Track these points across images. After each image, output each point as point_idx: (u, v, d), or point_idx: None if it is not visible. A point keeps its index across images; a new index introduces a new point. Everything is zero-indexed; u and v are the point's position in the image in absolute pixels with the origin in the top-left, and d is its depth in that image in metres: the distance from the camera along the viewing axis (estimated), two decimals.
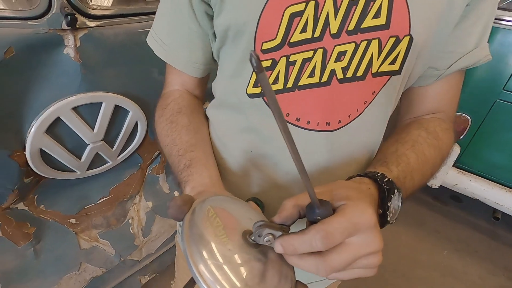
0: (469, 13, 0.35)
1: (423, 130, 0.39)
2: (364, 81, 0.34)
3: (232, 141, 0.42)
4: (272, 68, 0.34)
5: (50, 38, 0.67)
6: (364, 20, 0.31)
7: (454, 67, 0.38)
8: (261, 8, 0.32)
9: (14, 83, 0.66)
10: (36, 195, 0.86)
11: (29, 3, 0.65)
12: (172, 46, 0.41)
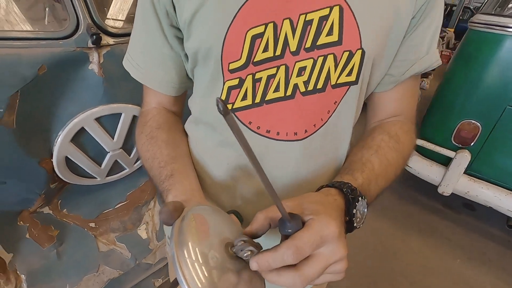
0: (418, 25, 0.39)
1: (386, 135, 0.42)
2: (325, 92, 0.38)
3: (209, 155, 0.45)
4: (240, 86, 0.38)
5: (77, 56, 0.74)
6: (319, 38, 0.35)
7: (408, 73, 0.42)
8: (224, 33, 0.35)
9: (45, 96, 0.72)
10: (60, 200, 0.92)
11: (59, 24, 0.72)
12: (147, 69, 0.44)
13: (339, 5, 0.34)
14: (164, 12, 0.38)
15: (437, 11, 0.39)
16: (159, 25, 0.40)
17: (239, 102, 0.39)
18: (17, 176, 0.75)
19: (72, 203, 0.96)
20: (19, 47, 0.66)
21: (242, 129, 0.38)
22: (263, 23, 0.34)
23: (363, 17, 0.35)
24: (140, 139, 0.45)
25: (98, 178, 0.96)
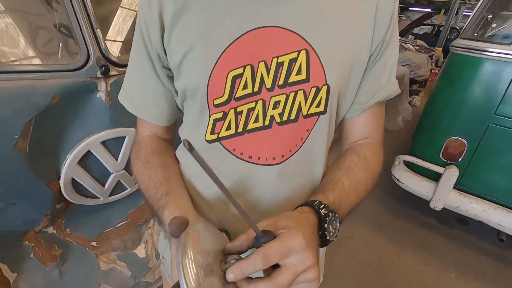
0: (376, 61, 0.45)
1: (355, 156, 0.47)
2: (297, 122, 0.43)
3: (198, 179, 0.50)
4: (224, 118, 0.43)
5: (87, 85, 0.80)
6: (290, 76, 0.41)
7: (371, 101, 0.48)
8: (208, 74, 0.41)
9: (56, 123, 0.78)
10: (64, 220, 0.96)
11: (71, 58, 0.79)
12: (140, 103, 0.48)
13: (305, 49, 0.40)
14: (156, 55, 0.44)
15: (392, 49, 0.46)
16: (152, 66, 0.45)
17: (224, 132, 0.44)
18: (26, 197, 0.80)
19: (75, 222, 0.99)
20: (35, 79, 0.72)
21: (227, 156, 0.45)
22: (242, 65, 0.40)
23: (327, 58, 0.41)
24: (136, 163, 0.49)
25: (101, 198, 1.00)
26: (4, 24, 0.71)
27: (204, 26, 0.40)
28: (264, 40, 0.40)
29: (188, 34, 0.40)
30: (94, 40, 0.81)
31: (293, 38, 0.40)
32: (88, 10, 0.80)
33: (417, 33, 10.19)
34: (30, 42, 0.74)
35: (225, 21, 0.40)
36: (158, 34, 0.41)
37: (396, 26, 0.46)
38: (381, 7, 0.42)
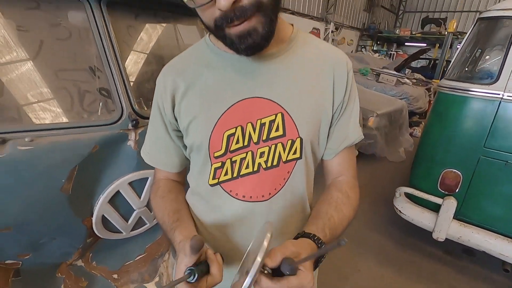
0: (341, 115, 0.59)
1: (340, 193, 0.59)
2: (279, 167, 0.56)
3: (204, 217, 0.63)
4: (222, 166, 0.56)
5: (120, 136, 0.97)
6: (271, 133, 0.54)
7: (341, 146, 0.61)
8: (209, 134, 0.54)
9: (94, 168, 0.94)
10: (91, 253, 1.07)
11: (109, 114, 0.97)
12: (156, 155, 0.64)
13: (281, 112, 0.54)
14: (169, 121, 0.59)
15: (353, 106, 0.60)
16: (165, 129, 0.60)
17: (223, 177, 0.57)
18: (65, 233, 0.93)
19: (100, 256, 1.10)
20: (80, 133, 0.89)
21: (226, 196, 0.57)
22: (234, 126, 0.54)
23: (298, 118, 0.54)
24: (155, 198, 0.63)
25: (124, 233, 1.12)
26: (60, 91, 0.90)
27: (204, 100, 0.55)
28: (250, 107, 0.54)
29: (193, 106, 0.56)
30: (127, 100, 0.99)
31: (271, 105, 0.54)
32: (123, 76, 0.99)
33: (415, 67, 10.61)
34: (78, 103, 0.93)
35: (220, 95, 0.55)
36: (170, 108, 0.57)
37: (353, 90, 0.60)
38: (337, 79, 0.57)
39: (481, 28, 1.88)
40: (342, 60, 0.58)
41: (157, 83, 0.60)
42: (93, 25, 0.97)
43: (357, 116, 0.61)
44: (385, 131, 3.68)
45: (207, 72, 0.56)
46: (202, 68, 0.56)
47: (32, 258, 0.90)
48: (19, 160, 0.79)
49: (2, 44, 0.83)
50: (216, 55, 0.56)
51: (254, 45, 0.46)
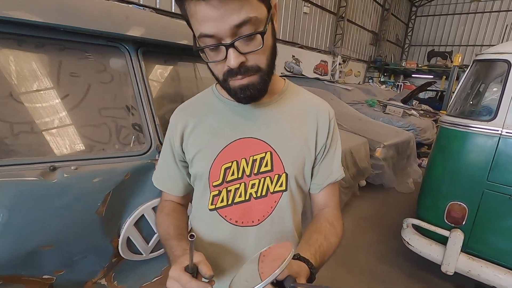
0: (324, 156, 0.69)
1: (327, 223, 0.67)
2: (267, 197, 0.65)
3: (203, 238, 0.70)
4: (219, 194, 0.65)
5: (148, 165, 1.10)
6: (261, 168, 0.64)
7: (325, 183, 0.71)
8: (209, 167, 0.65)
9: (125, 193, 1.06)
10: (113, 273, 1.16)
11: (140, 146, 1.11)
12: (164, 181, 0.76)
13: (270, 151, 0.64)
14: (177, 154, 0.71)
15: (335, 149, 0.71)
16: (173, 159, 0.72)
17: (219, 204, 0.66)
18: (95, 252, 1.03)
19: (121, 276, 1.19)
20: (116, 162, 1.03)
21: (221, 220, 0.65)
22: (231, 161, 0.64)
23: (284, 156, 0.64)
24: (160, 215, 0.74)
25: (144, 254, 1.21)
26: (102, 126, 1.05)
27: (208, 137, 0.66)
28: (244, 145, 0.65)
29: (198, 141, 0.67)
30: (155, 133, 1.13)
31: (262, 145, 0.65)
32: (153, 113, 1.15)
33: (422, 98, 10.79)
34: (115, 136, 1.07)
35: (221, 134, 0.66)
36: (179, 143, 0.69)
37: (335, 135, 0.71)
38: (320, 126, 0.68)
39: (477, 69, 2.01)
40: (325, 110, 0.69)
41: (170, 121, 0.73)
42: (131, 69, 1.15)
43: (339, 157, 0.72)
44: (392, 162, 3.74)
45: (212, 115, 0.68)
46: (208, 111, 0.68)
47: (64, 275, 1.00)
48: (65, 185, 0.92)
49: (58, 88, 1.00)
50: (220, 101, 0.68)
51: (252, 96, 0.58)
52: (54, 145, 0.97)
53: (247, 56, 0.53)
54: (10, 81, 0.94)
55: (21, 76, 0.96)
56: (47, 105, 0.98)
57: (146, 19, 1.29)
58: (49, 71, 1.00)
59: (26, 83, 0.97)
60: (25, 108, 0.95)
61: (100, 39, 1.09)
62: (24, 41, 0.97)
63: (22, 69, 0.96)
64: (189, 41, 1.37)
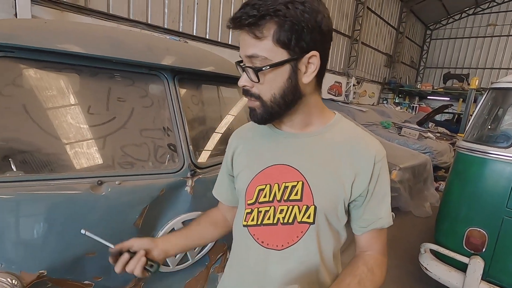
0: (370, 199, 0.66)
1: (365, 267, 0.65)
2: (293, 225, 0.65)
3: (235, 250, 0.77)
4: (251, 213, 0.70)
5: (180, 182, 1.20)
6: (291, 195, 0.65)
7: (370, 227, 0.68)
8: (247, 186, 0.71)
9: (159, 207, 1.15)
10: (142, 283, 1.24)
11: (174, 164, 1.21)
12: (219, 190, 0.87)
13: (302, 181, 0.65)
14: (228, 170, 0.81)
15: (384, 192, 0.67)
16: (227, 175, 0.82)
17: (250, 222, 0.70)
18: None
19: (149, 286, 1.26)
20: (153, 179, 1.13)
21: (250, 238, 0.69)
22: (265, 184, 0.68)
23: (315, 188, 0.64)
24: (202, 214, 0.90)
25: (170, 266, 1.28)
26: (142, 145, 1.17)
27: (250, 159, 0.74)
28: (278, 171, 0.68)
29: (242, 162, 0.75)
30: (188, 153, 1.24)
31: (295, 173, 0.66)
32: (186, 134, 1.26)
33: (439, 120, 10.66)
34: (153, 155, 1.19)
35: (261, 157, 0.71)
36: (230, 161, 0.79)
37: (382, 178, 0.66)
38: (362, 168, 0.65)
39: (493, 96, 2.06)
40: (370, 152, 0.65)
41: (229, 140, 0.83)
42: (168, 95, 1.28)
43: (389, 203, 0.68)
44: (409, 185, 3.71)
45: (258, 139, 0.74)
46: (257, 136, 0.75)
47: (102, 282, 1.08)
48: (110, 198, 1.02)
49: (107, 111, 1.14)
50: (269, 128, 0.73)
51: (255, 119, 0.65)
52: (101, 161, 1.09)
53: (255, 84, 0.61)
54: (69, 105, 1.08)
55: (77, 101, 1.10)
56: (97, 126, 1.11)
57: (182, 50, 1.44)
58: (100, 97, 1.14)
59: (81, 107, 1.11)
60: (79, 128, 1.08)
61: (143, 68, 1.23)
62: (81, 70, 1.12)
63: (79, 95, 1.11)
64: (216, 69, 1.50)
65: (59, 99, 1.07)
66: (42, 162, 0.99)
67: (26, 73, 1.03)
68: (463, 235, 1.93)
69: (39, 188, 0.93)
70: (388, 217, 0.68)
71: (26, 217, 0.90)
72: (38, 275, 0.91)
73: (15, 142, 0.99)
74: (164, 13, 5.70)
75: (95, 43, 1.13)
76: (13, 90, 1.00)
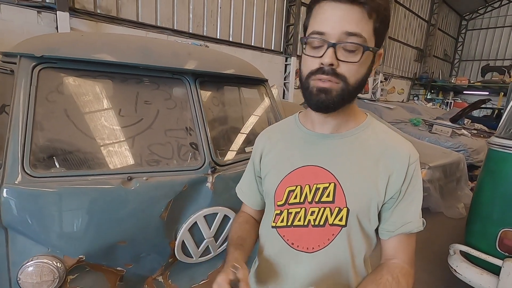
0: (400, 201, 0.63)
1: (390, 276, 0.60)
2: (325, 227, 0.64)
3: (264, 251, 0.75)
4: (280, 214, 0.69)
5: (202, 178, 1.27)
6: (322, 197, 0.64)
7: (397, 231, 0.64)
8: (276, 187, 0.70)
9: (182, 201, 1.24)
10: (168, 272, 1.33)
11: (196, 162, 1.29)
12: (245, 193, 0.85)
13: (334, 182, 0.64)
14: (256, 171, 0.80)
15: (415, 194, 0.64)
16: (254, 175, 0.81)
17: (279, 223, 0.69)
18: (157, 251, 1.21)
19: (174, 275, 1.35)
20: (176, 175, 1.22)
21: (279, 239, 0.68)
22: (295, 185, 0.67)
23: (348, 190, 0.63)
24: (234, 223, 0.83)
25: (194, 258, 1.36)
26: (167, 144, 1.26)
27: (279, 160, 0.73)
28: (309, 173, 0.67)
29: (270, 163, 0.74)
30: (208, 151, 1.31)
31: (327, 174, 0.65)
32: (207, 134, 1.34)
33: (476, 116, 9.97)
34: (177, 153, 1.28)
35: (291, 158, 0.70)
36: (258, 161, 0.79)
37: (415, 181, 0.64)
38: (396, 170, 0.63)
39: None
40: (404, 154, 0.64)
41: (255, 141, 0.82)
42: (190, 97, 1.36)
43: (419, 206, 0.65)
44: (439, 185, 3.55)
45: (287, 140, 0.73)
46: (286, 137, 0.74)
47: (132, 269, 1.19)
48: (138, 192, 1.12)
49: (135, 113, 1.25)
50: (298, 129, 0.73)
51: (323, 101, 0.59)
52: (131, 159, 1.19)
53: (340, 64, 0.56)
54: (102, 109, 1.20)
55: (110, 105, 1.22)
56: (127, 127, 1.22)
57: (203, 54, 1.52)
58: (129, 100, 1.25)
59: (113, 109, 1.22)
60: (111, 129, 1.20)
61: (167, 73, 1.32)
62: (113, 77, 1.23)
63: (111, 99, 1.22)
64: (236, 71, 1.57)
65: (94, 104, 1.20)
66: (80, 160, 1.12)
67: (66, 81, 1.16)
68: (496, 237, 1.82)
69: (79, 183, 1.05)
70: (418, 222, 0.65)
71: (67, 208, 1.01)
72: (78, 260, 1.03)
73: (58, 142, 1.12)
74: (189, 18, 5.91)
75: (125, 52, 1.24)
76: (56, 96, 1.13)
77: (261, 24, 7.24)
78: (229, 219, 1.39)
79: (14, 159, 0.98)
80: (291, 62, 7.65)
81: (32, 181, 0.98)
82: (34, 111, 1.04)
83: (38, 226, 0.98)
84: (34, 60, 1.08)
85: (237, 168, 1.39)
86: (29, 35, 1.31)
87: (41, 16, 4.12)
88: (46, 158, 1.07)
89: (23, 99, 1.04)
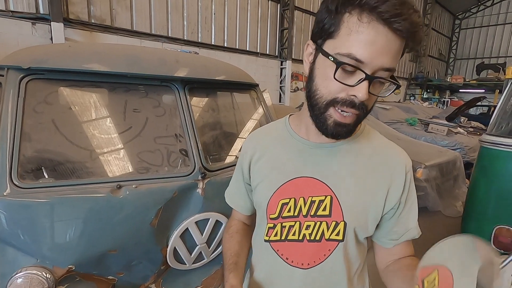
0: (401, 211, 0.63)
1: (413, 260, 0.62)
2: (321, 242, 0.61)
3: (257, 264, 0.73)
4: (274, 227, 0.65)
5: (192, 184, 1.28)
6: (318, 210, 0.60)
7: (400, 240, 0.65)
8: (268, 199, 0.65)
9: (173, 208, 1.24)
10: (161, 279, 1.33)
11: (186, 168, 1.30)
12: (234, 198, 0.80)
13: (330, 195, 0.61)
14: (245, 178, 0.74)
15: (412, 202, 0.64)
16: (242, 180, 0.75)
17: (273, 237, 0.65)
18: (148, 258, 1.21)
19: (167, 283, 1.35)
20: (166, 182, 1.22)
21: (273, 253, 0.65)
22: (289, 197, 0.63)
23: (345, 203, 0.60)
24: (225, 235, 0.79)
25: (187, 264, 1.36)
26: (156, 152, 1.27)
27: (271, 170, 0.67)
28: (304, 184, 0.63)
29: (261, 172, 0.69)
30: (198, 157, 1.32)
31: (323, 187, 0.62)
32: (197, 140, 1.35)
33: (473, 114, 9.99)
34: (166, 160, 1.28)
35: (283, 169, 0.66)
36: (247, 168, 0.73)
37: (411, 189, 0.64)
38: (395, 180, 0.62)
39: None
40: (401, 162, 0.63)
41: (242, 146, 0.77)
42: (179, 104, 1.37)
43: (416, 213, 0.66)
44: (436, 184, 3.55)
45: (279, 148, 0.68)
46: (276, 143, 0.69)
47: (124, 277, 1.19)
48: (127, 200, 1.13)
49: (124, 121, 1.25)
50: (290, 136, 0.68)
51: (341, 133, 0.56)
52: (120, 167, 1.20)
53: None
54: (91, 118, 1.21)
55: (98, 113, 1.23)
56: (115, 135, 1.23)
57: (192, 61, 1.54)
58: (118, 109, 1.26)
59: (101, 118, 1.23)
60: (100, 138, 1.20)
61: (156, 81, 1.33)
62: (101, 86, 1.25)
63: (99, 108, 1.23)
64: (226, 77, 1.58)
65: (83, 113, 1.20)
66: (69, 169, 1.12)
67: (54, 91, 1.17)
68: (490, 234, 1.83)
69: (67, 192, 1.05)
70: (417, 228, 0.66)
71: (57, 218, 1.02)
72: (68, 270, 1.03)
73: (47, 153, 1.13)
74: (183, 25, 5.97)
75: (113, 61, 1.25)
76: (44, 107, 1.14)
77: (255, 29, 7.30)
78: (221, 224, 1.39)
79: (2, 171, 0.99)
80: (287, 66, 7.71)
81: (21, 192, 0.99)
82: (22, 122, 1.05)
83: (27, 237, 0.98)
84: (22, 72, 1.09)
85: (228, 173, 1.40)
86: (24, 47, 1.32)
87: (36, 27, 4.16)
88: (35, 169, 1.07)
89: (11, 111, 1.05)
